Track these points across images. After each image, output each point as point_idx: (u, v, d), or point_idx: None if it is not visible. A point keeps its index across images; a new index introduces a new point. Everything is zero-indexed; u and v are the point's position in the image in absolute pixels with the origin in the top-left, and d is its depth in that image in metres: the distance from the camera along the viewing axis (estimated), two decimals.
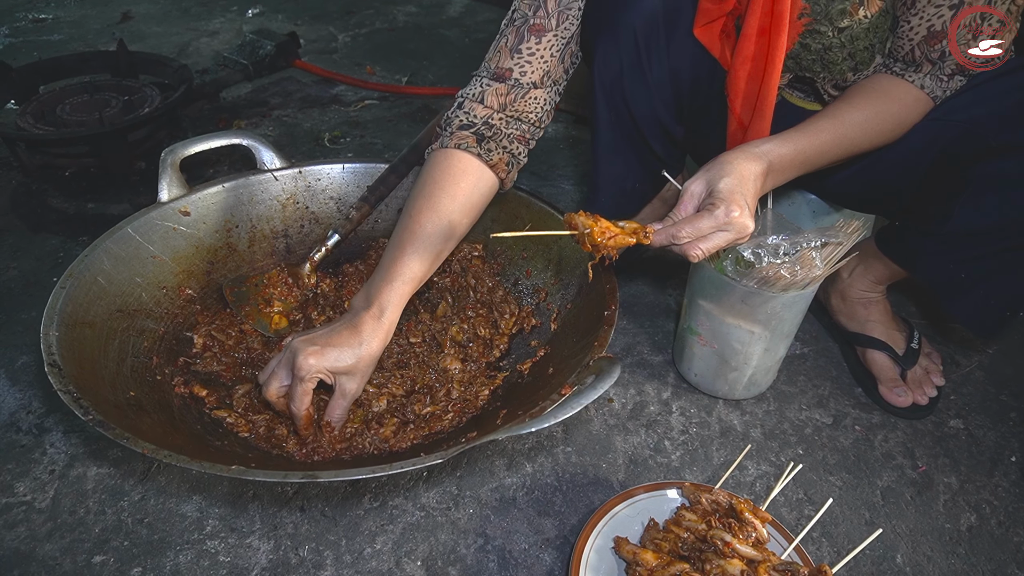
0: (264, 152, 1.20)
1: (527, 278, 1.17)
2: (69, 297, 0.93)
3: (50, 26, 2.66)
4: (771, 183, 0.91)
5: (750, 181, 0.85)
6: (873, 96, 0.93)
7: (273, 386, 0.90)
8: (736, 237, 0.82)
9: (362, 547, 0.95)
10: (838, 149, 0.92)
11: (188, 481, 1.02)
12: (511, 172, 1.02)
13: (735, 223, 0.81)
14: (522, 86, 0.98)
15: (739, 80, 0.98)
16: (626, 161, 1.16)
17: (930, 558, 0.97)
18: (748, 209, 0.82)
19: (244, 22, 2.73)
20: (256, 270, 1.19)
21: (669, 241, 0.84)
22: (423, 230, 0.93)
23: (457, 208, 0.96)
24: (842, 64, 0.96)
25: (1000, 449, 1.13)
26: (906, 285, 1.39)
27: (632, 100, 1.05)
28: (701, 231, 0.82)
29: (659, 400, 1.18)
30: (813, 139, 0.91)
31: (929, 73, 0.92)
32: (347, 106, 2.15)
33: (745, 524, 0.87)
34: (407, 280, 0.92)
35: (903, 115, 0.94)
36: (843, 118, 0.92)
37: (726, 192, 0.82)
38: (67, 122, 1.67)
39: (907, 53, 0.92)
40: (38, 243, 1.50)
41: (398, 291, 0.91)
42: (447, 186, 0.96)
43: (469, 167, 0.97)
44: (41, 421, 1.10)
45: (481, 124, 0.98)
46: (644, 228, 0.85)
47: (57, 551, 0.93)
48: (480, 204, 1.00)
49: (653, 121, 1.09)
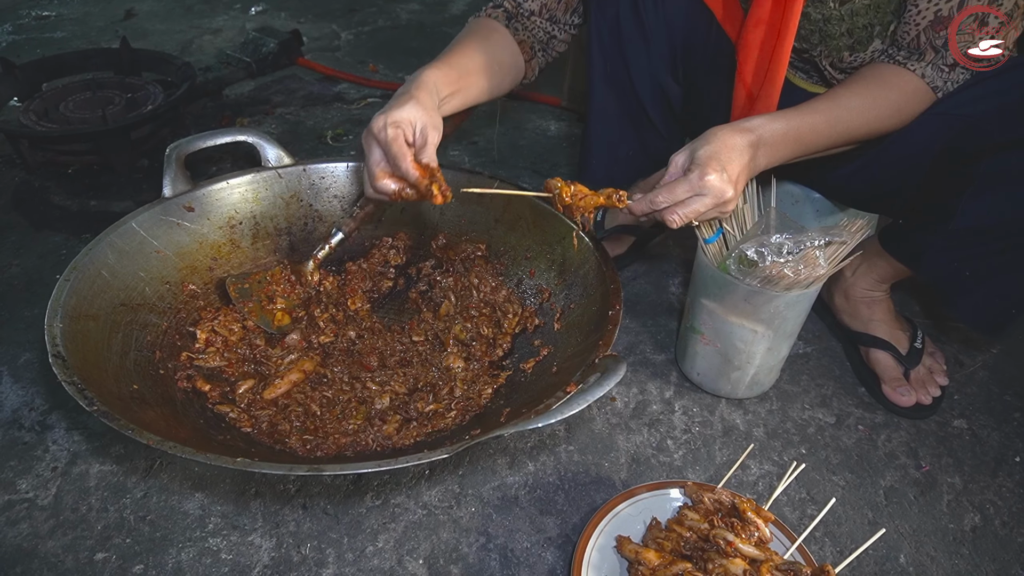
0: (269, 149, 1.20)
1: (530, 278, 1.17)
2: (73, 290, 0.93)
3: (53, 23, 2.66)
4: (764, 159, 0.90)
5: (734, 151, 0.85)
6: (872, 82, 0.93)
7: (378, 171, 0.91)
8: (714, 202, 0.83)
9: (364, 545, 0.95)
10: (832, 131, 0.92)
11: (190, 479, 1.02)
12: (533, 62, 1.11)
13: (709, 186, 0.82)
14: (524, 9, 1.09)
15: (751, 46, 0.97)
16: (620, 124, 1.16)
17: (933, 558, 0.97)
18: (726, 174, 0.83)
19: (247, 20, 2.73)
20: (259, 267, 1.19)
21: (649, 208, 0.86)
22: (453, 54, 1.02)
23: (488, 54, 1.04)
24: (839, 40, 0.95)
25: (1004, 449, 1.13)
26: (910, 284, 1.39)
27: (627, 49, 1.07)
28: (677, 196, 0.84)
29: (662, 399, 1.18)
30: (806, 118, 0.91)
31: (931, 62, 0.91)
32: (350, 104, 2.15)
33: (748, 523, 0.87)
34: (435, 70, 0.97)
35: (901, 103, 0.93)
36: (839, 101, 0.92)
37: (703, 158, 0.83)
38: (70, 119, 1.67)
39: (912, 39, 0.91)
40: (41, 240, 1.50)
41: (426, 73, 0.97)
42: (480, 36, 1.06)
43: (500, 32, 1.08)
44: (44, 418, 1.10)
45: (511, 9, 1.10)
46: (617, 192, 0.88)
47: (59, 548, 0.93)
48: (509, 67, 1.08)
49: (650, 76, 1.09)
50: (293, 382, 1.02)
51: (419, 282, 1.23)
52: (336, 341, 1.11)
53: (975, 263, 0.98)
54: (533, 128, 2.03)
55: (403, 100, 0.90)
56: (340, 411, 1.00)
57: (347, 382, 1.05)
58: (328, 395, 1.02)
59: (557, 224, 1.13)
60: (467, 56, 1.02)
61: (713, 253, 1.07)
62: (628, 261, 1.47)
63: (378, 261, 1.24)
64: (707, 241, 1.07)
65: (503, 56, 1.07)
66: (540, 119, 2.08)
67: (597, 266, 1.04)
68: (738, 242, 1.04)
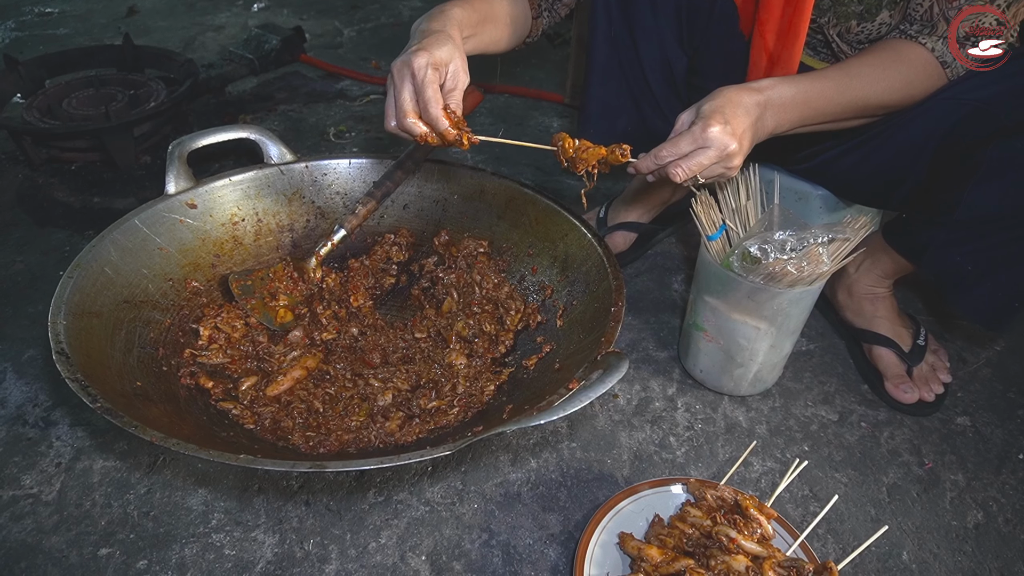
0: (272, 146, 1.20)
1: (533, 275, 1.17)
2: (77, 287, 0.93)
3: (56, 20, 2.66)
4: (772, 120, 0.90)
5: (739, 106, 0.85)
6: (883, 54, 0.93)
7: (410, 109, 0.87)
8: (718, 155, 0.83)
9: (367, 541, 0.95)
10: (842, 98, 0.92)
11: (194, 475, 1.02)
12: (539, 20, 1.11)
13: (712, 138, 0.82)
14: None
15: (775, 4, 0.97)
16: (620, 92, 1.16)
17: (936, 555, 0.97)
18: (730, 127, 0.83)
19: (250, 17, 2.73)
20: (262, 264, 1.19)
21: (654, 164, 0.87)
22: None
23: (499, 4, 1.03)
24: (850, 6, 0.95)
25: (1007, 446, 1.12)
26: (913, 281, 1.38)
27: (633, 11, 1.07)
28: (681, 150, 0.84)
29: (664, 396, 1.18)
30: (816, 83, 0.91)
31: (942, 36, 0.90)
32: (352, 101, 2.15)
33: (750, 520, 0.87)
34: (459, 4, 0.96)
35: (911, 76, 0.93)
36: (850, 70, 0.92)
37: (707, 111, 0.84)
38: (73, 116, 1.67)
39: (925, 11, 0.90)
40: (44, 237, 1.50)
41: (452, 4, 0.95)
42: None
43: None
44: (47, 414, 1.10)
45: None
46: (620, 146, 0.89)
47: (63, 544, 0.93)
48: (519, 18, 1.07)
49: (654, 40, 1.09)
50: (296, 379, 1.02)
51: (422, 279, 1.23)
52: (339, 338, 1.11)
53: (978, 256, 0.98)
54: (535, 125, 2.03)
55: (441, 39, 0.88)
56: (343, 408, 1.00)
57: (350, 379, 1.05)
58: (331, 392, 1.02)
59: (560, 221, 1.13)
60: (486, 2, 1.00)
61: (716, 250, 1.07)
62: (631, 258, 1.47)
63: (380, 258, 1.24)
64: (710, 238, 1.06)
65: (515, 9, 1.06)
66: (543, 116, 2.08)
67: (600, 263, 1.04)
68: (741, 239, 1.04)
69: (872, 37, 0.98)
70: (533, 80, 2.28)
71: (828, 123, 0.96)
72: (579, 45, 2.00)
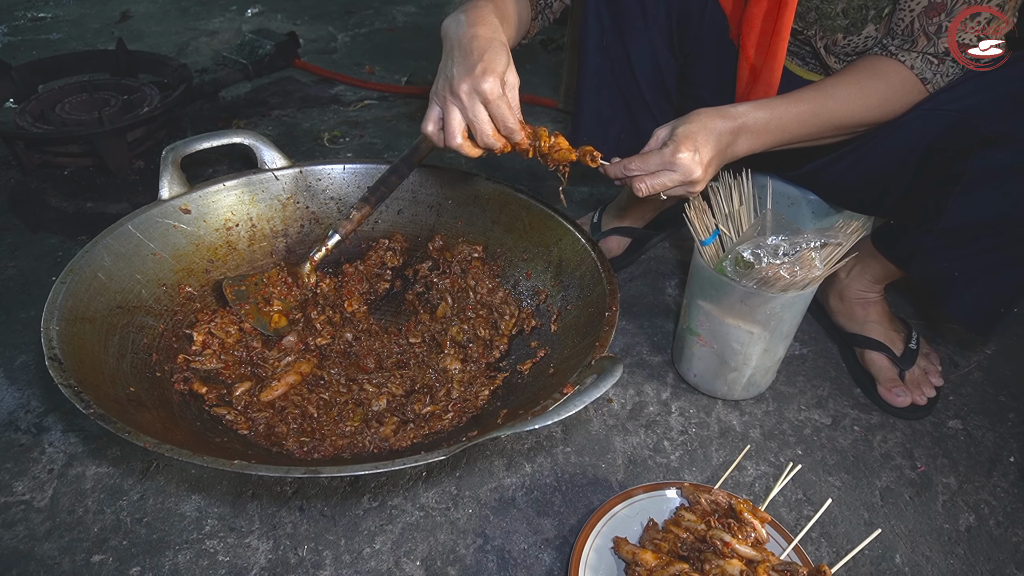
0: (266, 151, 1.20)
1: (527, 280, 1.17)
2: (69, 292, 0.93)
3: (49, 25, 2.65)
4: (745, 146, 0.92)
5: (712, 134, 0.87)
6: (861, 73, 0.94)
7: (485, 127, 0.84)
8: (682, 179, 0.85)
9: (361, 547, 0.95)
10: (817, 120, 0.93)
11: (187, 480, 1.02)
12: (537, 20, 1.10)
13: (679, 163, 0.84)
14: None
15: (755, 19, 0.98)
16: (612, 98, 1.17)
17: (929, 558, 0.97)
18: (699, 156, 0.85)
19: (243, 21, 2.73)
20: (256, 269, 1.19)
21: (621, 173, 0.89)
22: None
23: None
24: (836, 20, 0.96)
25: (999, 449, 1.13)
26: (904, 285, 1.39)
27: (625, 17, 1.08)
28: (648, 167, 0.86)
29: (658, 400, 1.19)
30: (792, 107, 0.92)
31: (922, 51, 0.91)
32: (346, 106, 2.15)
33: (744, 524, 0.87)
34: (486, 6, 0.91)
35: (890, 94, 0.93)
36: (826, 90, 0.93)
37: (681, 136, 0.85)
38: (66, 121, 1.67)
39: (906, 26, 0.91)
40: (37, 242, 1.50)
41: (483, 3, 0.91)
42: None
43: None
44: (40, 420, 1.10)
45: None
46: (593, 151, 0.90)
47: (56, 550, 0.93)
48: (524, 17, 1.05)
49: (646, 47, 1.10)
50: (290, 384, 1.02)
51: (416, 284, 1.23)
52: (333, 343, 1.11)
53: (965, 262, 0.99)
54: None
55: (496, 50, 0.84)
56: (337, 413, 1.00)
57: (344, 384, 1.05)
58: (325, 397, 1.02)
59: (554, 226, 1.13)
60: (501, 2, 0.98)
61: (710, 255, 1.08)
62: (624, 263, 1.47)
63: (375, 263, 1.24)
64: (704, 243, 1.07)
65: (520, 7, 1.05)
66: (536, 121, 2.06)
67: (594, 268, 1.04)
68: (734, 244, 1.05)
69: (859, 50, 0.99)
70: (527, 85, 2.28)
71: (804, 143, 0.97)
72: (573, 50, 2.00)
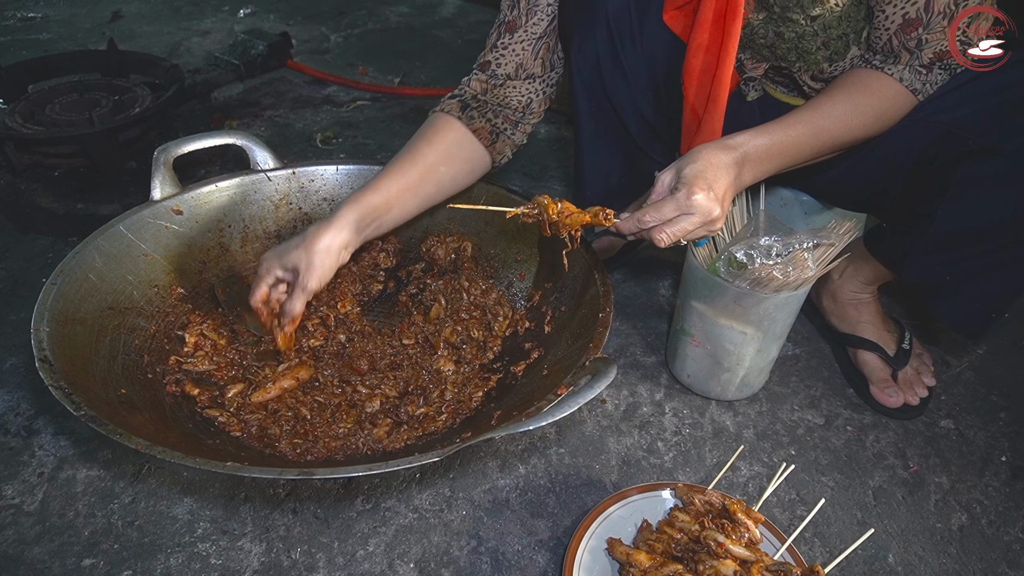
0: (258, 152, 1.19)
1: (521, 281, 1.17)
2: (60, 293, 0.92)
3: (39, 25, 2.64)
4: (750, 175, 0.91)
5: (720, 168, 0.86)
6: (852, 89, 0.94)
7: (256, 295, 1.00)
8: (702, 220, 0.83)
9: (355, 549, 0.94)
10: (816, 141, 0.93)
11: (179, 483, 1.01)
12: (497, 144, 1.08)
13: (696, 205, 0.82)
14: (498, 76, 1.08)
15: (694, 69, 0.99)
16: (609, 152, 1.17)
17: (922, 558, 0.97)
18: (713, 193, 0.83)
19: (236, 22, 2.72)
20: (248, 270, 1.18)
21: (636, 227, 0.86)
22: (395, 165, 1.02)
23: (435, 154, 1.03)
24: (816, 54, 0.97)
25: (990, 449, 1.14)
26: (897, 286, 1.40)
27: (610, 88, 1.08)
28: (664, 215, 0.84)
29: (652, 401, 1.19)
30: (789, 131, 0.91)
31: (907, 64, 0.91)
32: (339, 107, 2.14)
33: (738, 525, 0.87)
34: (362, 197, 0.98)
35: (883, 108, 0.93)
36: (821, 110, 0.92)
37: (690, 176, 0.84)
38: (57, 121, 1.66)
39: (884, 44, 0.91)
40: (27, 243, 1.48)
41: (351, 201, 0.98)
42: (428, 136, 1.05)
43: (452, 126, 1.06)
44: (30, 423, 1.09)
45: (469, 97, 1.08)
46: (604, 210, 0.88)
47: (46, 554, 0.92)
48: (464, 160, 1.07)
49: (633, 110, 1.10)
50: (284, 388, 1.01)
51: (409, 285, 1.22)
52: (326, 345, 1.11)
53: (955, 267, 0.99)
54: None
55: (296, 241, 0.97)
56: (330, 415, 0.99)
57: (337, 386, 1.05)
58: (319, 399, 1.01)
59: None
60: (411, 168, 1.02)
61: (703, 256, 1.08)
62: (618, 264, 1.47)
63: (368, 264, 1.24)
64: (697, 244, 1.07)
65: (457, 152, 1.06)
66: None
67: (587, 269, 1.04)
68: (728, 244, 1.05)
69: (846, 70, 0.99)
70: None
71: (805, 162, 0.97)
72: None
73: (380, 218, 1.00)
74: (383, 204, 0.99)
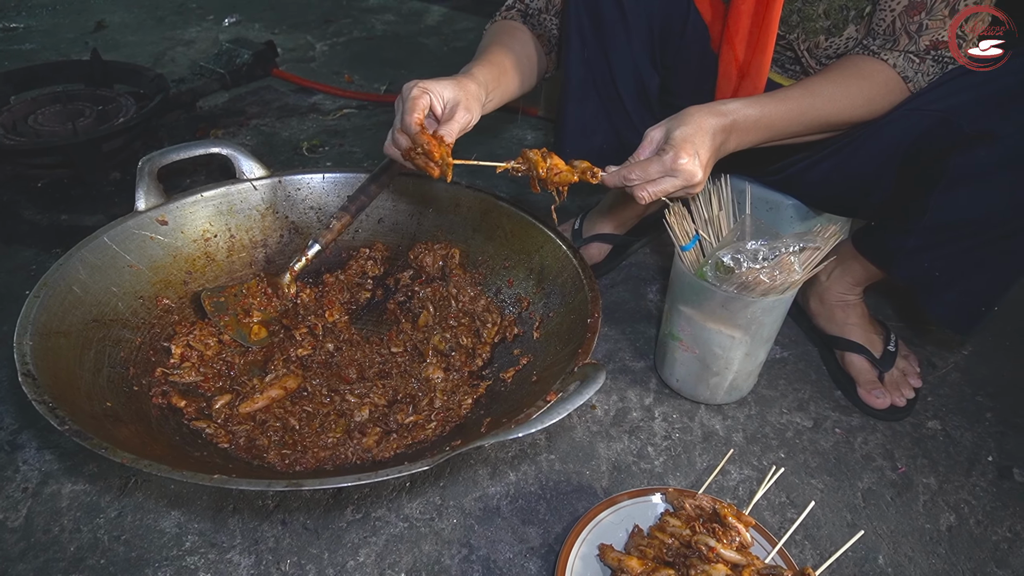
0: (244, 161, 1.19)
1: (509, 287, 1.17)
2: (43, 306, 0.91)
3: (22, 35, 2.62)
4: (734, 143, 0.93)
5: (707, 133, 0.88)
6: (846, 72, 0.96)
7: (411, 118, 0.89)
8: (684, 184, 0.86)
9: (345, 560, 0.94)
10: (804, 118, 0.95)
11: (166, 496, 1.00)
12: (552, 52, 1.18)
13: (681, 169, 0.85)
14: (532, 9, 1.16)
15: (743, 15, 0.99)
16: (595, 111, 1.18)
17: (911, 558, 0.98)
18: (699, 159, 0.86)
19: (221, 31, 2.71)
20: (235, 280, 1.17)
21: (621, 182, 0.89)
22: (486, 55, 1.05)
23: (519, 45, 1.11)
24: (818, 22, 0.98)
25: (977, 449, 1.15)
26: (883, 288, 1.41)
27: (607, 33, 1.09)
28: (650, 175, 0.86)
29: (641, 406, 1.19)
30: (780, 105, 0.93)
31: (904, 50, 0.93)
32: (325, 115, 2.14)
33: (729, 529, 0.87)
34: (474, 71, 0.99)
35: (873, 92, 0.95)
36: (812, 89, 0.95)
37: (679, 139, 0.86)
38: (40, 132, 1.64)
39: (888, 26, 0.93)
40: (10, 255, 1.47)
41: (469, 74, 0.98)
42: (510, 31, 1.13)
43: (522, 29, 1.15)
44: (13, 438, 1.08)
45: (527, 10, 1.16)
46: (592, 168, 0.90)
47: (31, 571, 0.90)
48: (533, 59, 1.14)
49: (628, 61, 1.11)
50: (272, 398, 1.00)
51: (397, 293, 1.22)
52: (314, 354, 1.10)
53: (946, 262, 1.00)
54: (510, 137, 2.04)
55: (444, 78, 0.93)
56: (319, 424, 0.99)
57: (326, 395, 1.04)
58: (307, 408, 1.01)
59: (535, 233, 1.13)
60: (501, 55, 1.06)
61: (690, 260, 1.08)
62: (606, 269, 1.48)
63: (356, 272, 1.23)
64: (684, 248, 1.07)
65: (529, 51, 1.13)
66: (518, 128, 2.09)
67: (575, 274, 1.04)
68: (714, 249, 1.05)
69: (840, 52, 1.00)
70: None
71: (790, 139, 0.98)
72: None
73: (491, 92, 1.01)
74: (493, 79, 1.01)
